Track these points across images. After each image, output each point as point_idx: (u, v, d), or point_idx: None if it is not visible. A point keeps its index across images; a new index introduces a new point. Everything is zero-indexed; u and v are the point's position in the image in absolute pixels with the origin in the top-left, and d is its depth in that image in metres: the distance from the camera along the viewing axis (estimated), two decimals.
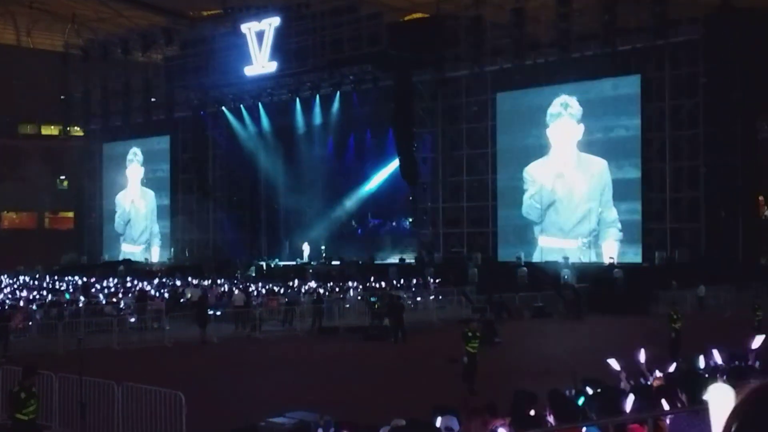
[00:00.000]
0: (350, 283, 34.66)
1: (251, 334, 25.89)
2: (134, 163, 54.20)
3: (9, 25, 60.94)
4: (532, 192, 37.48)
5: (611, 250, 34.93)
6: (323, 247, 44.21)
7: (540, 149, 37.24)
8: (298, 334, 26.34)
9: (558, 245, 36.52)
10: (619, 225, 35.01)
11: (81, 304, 29.72)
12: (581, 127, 36.00)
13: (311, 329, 27.03)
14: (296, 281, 35.69)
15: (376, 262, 41.92)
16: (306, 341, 24.98)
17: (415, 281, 34.86)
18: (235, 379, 17.93)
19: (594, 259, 35.25)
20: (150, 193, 53.25)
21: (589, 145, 35.88)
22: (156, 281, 39.41)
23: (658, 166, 34.39)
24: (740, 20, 33.43)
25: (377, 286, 33.59)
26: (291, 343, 24.50)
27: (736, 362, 9.85)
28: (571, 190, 36.43)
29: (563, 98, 36.33)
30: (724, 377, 7.63)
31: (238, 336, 25.81)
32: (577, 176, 36.21)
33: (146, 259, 51.76)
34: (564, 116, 36.34)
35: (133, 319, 27.42)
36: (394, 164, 42.91)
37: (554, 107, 36.55)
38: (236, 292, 31.24)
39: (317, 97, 44.22)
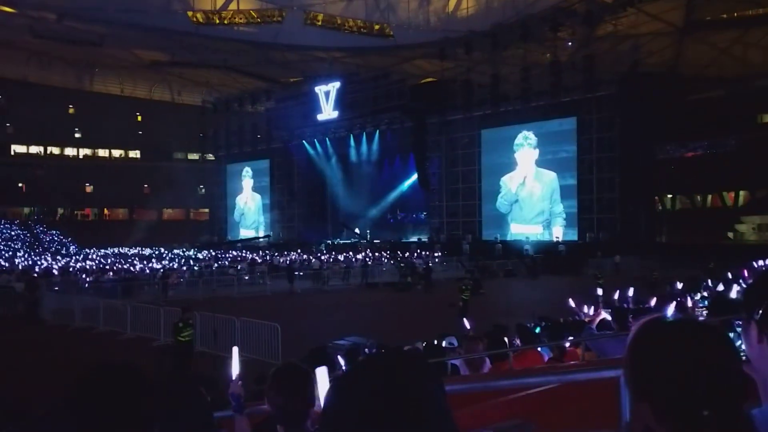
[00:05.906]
0: (386, 254, 34.54)
1: (322, 288, 25.99)
2: (246, 178, 54.28)
3: (166, 88, 61.67)
4: (503, 194, 37.07)
5: (558, 232, 34.46)
6: (368, 231, 44.13)
7: (510, 166, 36.77)
8: (352, 287, 26.39)
9: (523, 230, 36.10)
10: (564, 215, 34.51)
11: (213, 268, 29.99)
12: (537, 152, 35.51)
13: (361, 284, 27.03)
14: (351, 253, 35.66)
15: (402, 240, 41.80)
16: (357, 292, 25.00)
17: (427, 253, 34.62)
18: (311, 316, 17.96)
19: (547, 238, 34.80)
20: (257, 197, 53.22)
21: (543, 163, 35.36)
22: (261, 253, 39.53)
23: (588, 177, 33.67)
24: (643, 79, 32.95)
25: (403, 256, 33.37)
26: (348, 293, 24.52)
27: (640, 305, 9.69)
28: (531, 192, 35.96)
29: (525, 133, 35.84)
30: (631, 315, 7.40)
31: (314, 288, 25.93)
32: (535, 184, 35.73)
33: (257, 239, 51.80)
34: (525, 145, 35.89)
35: (247, 277, 27.66)
36: (414, 177, 42.91)
37: (519, 139, 36.09)
38: (313, 260, 31.43)
39: (364, 134, 44.03)
